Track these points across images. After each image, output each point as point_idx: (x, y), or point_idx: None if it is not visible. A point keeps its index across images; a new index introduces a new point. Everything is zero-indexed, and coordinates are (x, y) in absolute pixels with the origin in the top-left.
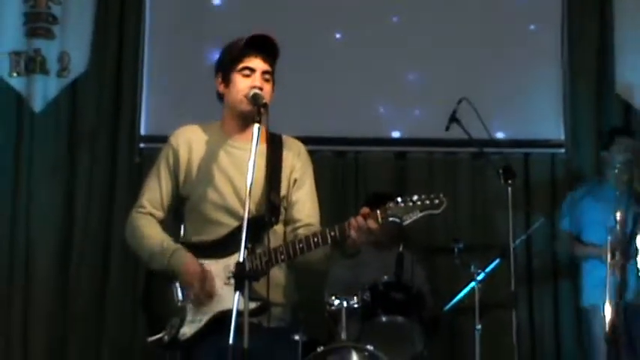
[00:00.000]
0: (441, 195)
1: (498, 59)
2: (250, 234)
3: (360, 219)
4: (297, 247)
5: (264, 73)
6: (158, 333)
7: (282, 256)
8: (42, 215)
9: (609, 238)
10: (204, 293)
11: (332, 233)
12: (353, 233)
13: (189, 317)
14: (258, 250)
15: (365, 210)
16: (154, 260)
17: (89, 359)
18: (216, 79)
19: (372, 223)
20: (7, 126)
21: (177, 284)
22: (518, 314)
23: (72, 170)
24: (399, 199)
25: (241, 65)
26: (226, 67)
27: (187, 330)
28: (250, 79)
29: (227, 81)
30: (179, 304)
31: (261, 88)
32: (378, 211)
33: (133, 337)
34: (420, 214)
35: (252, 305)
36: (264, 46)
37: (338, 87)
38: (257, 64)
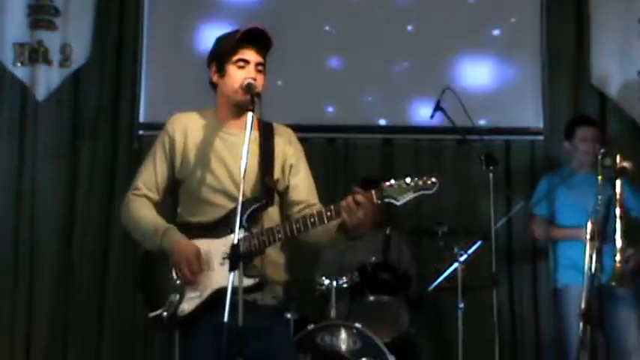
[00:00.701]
0: (433, 176)
1: (481, 51)
2: (246, 215)
3: (349, 199)
4: (294, 226)
5: (257, 64)
6: (158, 309)
7: (280, 235)
8: (45, 199)
9: (590, 220)
10: (193, 272)
11: (328, 213)
12: (344, 215)
13: (188, 294)
14: (255, 230)
15: (356, 189)
16: (146, 241)
17: (92, 336)
18: (210, 69)
19: (360, 198)
20: (11, 114)
21: None
22: (499, 294)
23: (74, 156)
24: (393, 181)
25: (236, 57)
26: (221, 58)
27: (186, 307)
28: (245, 71)
29: (222, 71)
30: (178, 281)
31: (255, 79)
32: (374, 192)
33: (134, 313)
34: (414, 195)
35: (250, 282)
36: (258, 39)
37: (328, 77)
38: (251, 56)
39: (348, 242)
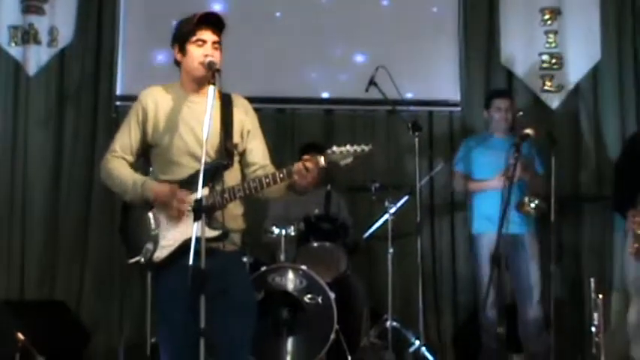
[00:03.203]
0: (370, 144)
1: (408, 34)
2: (210, 175)
3: (300, 165)
4: (252, 186)
5: (213, 42)
6: (136, 256)
7: (240, 194)
8: (36, 159)
9: (501, 173)
10: (180, 206)
11: (281, 175)
12: (295, 177)
13: (161, 243)
14: (218, 188)
15: (306, 157)
16: (127, 193)
17: (75, 273)
18: (174, 49)
19: (309, 165)
20: (6, 87)
21: (151, 214)
22: (422, 240)
23: (60, 124)
24: (335, 147)
25: (195, 38)
26: (182, 39)
27: (160, 254)
28: (203, 49)
29: (183, 51)
30: (152, 232)
31: (212, 56)
32: (321, 157)
33: (111, 255)
34: (353, 157)
35: (215, 233)
36: (212, 21)
37: (278, 56)
38: (208, 36)
39: (295, 196)
